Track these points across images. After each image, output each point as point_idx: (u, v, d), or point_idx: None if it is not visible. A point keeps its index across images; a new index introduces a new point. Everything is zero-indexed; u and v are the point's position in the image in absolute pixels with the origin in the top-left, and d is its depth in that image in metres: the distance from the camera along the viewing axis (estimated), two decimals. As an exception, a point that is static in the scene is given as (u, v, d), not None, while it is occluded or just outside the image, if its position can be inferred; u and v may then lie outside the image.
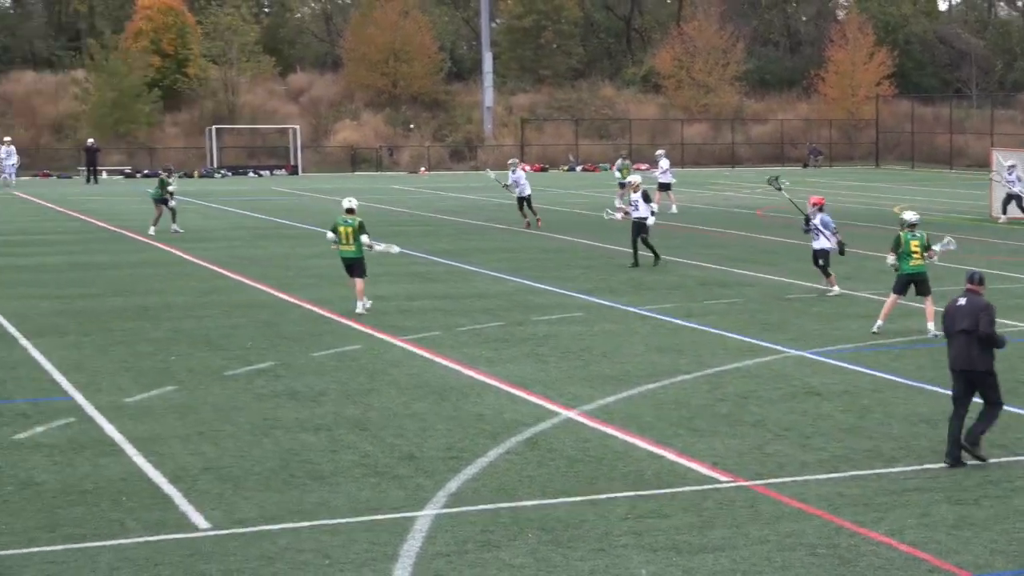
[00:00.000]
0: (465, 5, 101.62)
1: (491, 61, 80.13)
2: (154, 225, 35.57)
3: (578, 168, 75.18)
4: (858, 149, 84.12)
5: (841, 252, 24.16)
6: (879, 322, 20.02)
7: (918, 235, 20.08)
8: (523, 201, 37.20)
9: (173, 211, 35.78)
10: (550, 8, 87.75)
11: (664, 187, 43.41)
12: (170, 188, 35.61)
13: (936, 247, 20.15)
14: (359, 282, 21.99)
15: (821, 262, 23.97)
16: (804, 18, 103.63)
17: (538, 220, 36.95)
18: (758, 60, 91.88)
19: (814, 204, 24.17)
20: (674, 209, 42.47)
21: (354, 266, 22.08)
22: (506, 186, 37.84)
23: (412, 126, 76.30)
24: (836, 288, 24.10)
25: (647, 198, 28.13)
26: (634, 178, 29.70)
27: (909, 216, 20.43)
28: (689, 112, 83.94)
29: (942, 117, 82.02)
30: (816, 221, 23.76)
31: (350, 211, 22.11)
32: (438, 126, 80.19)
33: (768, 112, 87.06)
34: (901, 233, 20.14)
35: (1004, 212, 39.97)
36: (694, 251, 31.12)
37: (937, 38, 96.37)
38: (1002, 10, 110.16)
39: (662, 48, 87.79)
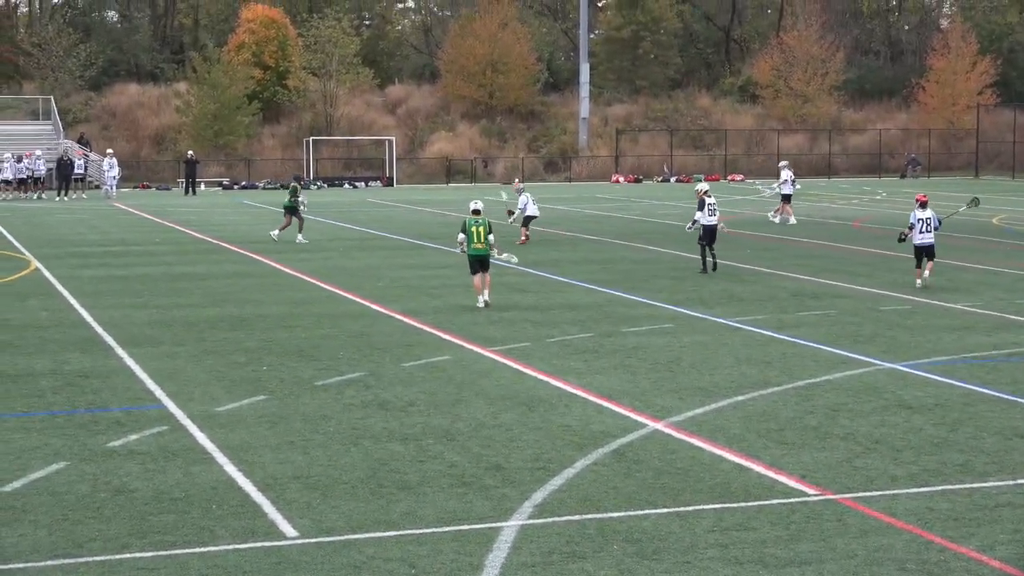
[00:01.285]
0: (564, 16, 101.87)
1: (588, 72, 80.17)
2: (280, 230, 36.78)
3: (672, 179, 74.94)
4: (957, 159, 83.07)
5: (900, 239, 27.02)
6: None
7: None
8: (529, 220, 36.87)
9: (302, 221, 36.66)
10: (649, 19, 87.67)
11: (786, 198, 43.15)
12: (301, 198, 36.69)
13: None
14: (488, 277, 23.80)
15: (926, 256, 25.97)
16: (906, 27, 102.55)
17: (525, 238, 36.34)
18: (858, 69, 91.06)
19: (921, 201, 26.27)
20: (792, 220, 42.16)
21: (485, 261, 23.66)
22: (511, 212, 37.08)
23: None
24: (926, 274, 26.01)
25: (706, 206, 28.99)
26: (702, 185, 30.56)
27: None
28: (786, 122, 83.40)
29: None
30: (927, 214, 25.84)
31: (477, 212, 23.83)
32: (533, 137, 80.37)
33: (866, 122, 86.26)
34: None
35: None
36: (788, 262, 30.90)
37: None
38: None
39: (760, 58, 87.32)
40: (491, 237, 23.55)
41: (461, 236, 23.85)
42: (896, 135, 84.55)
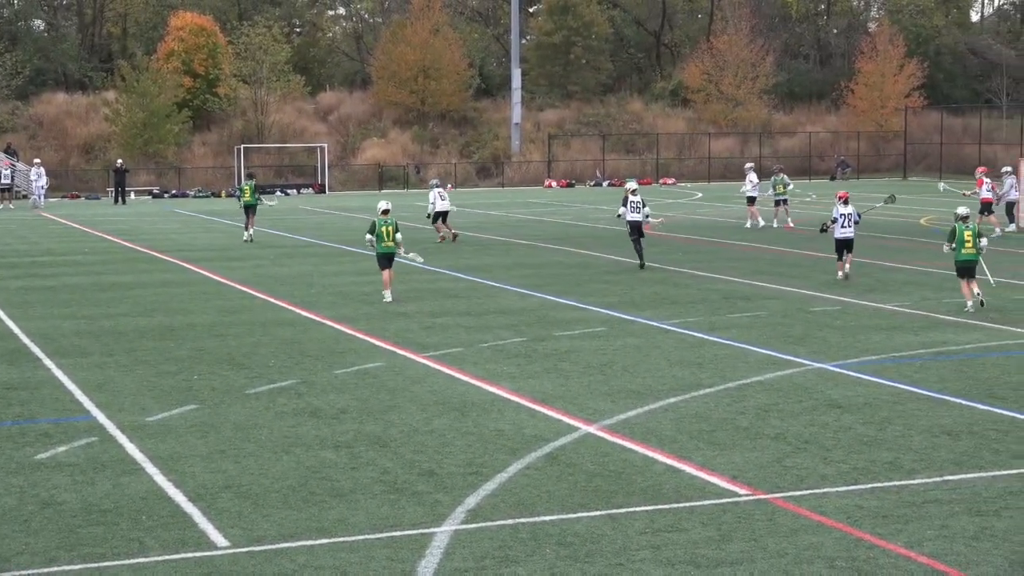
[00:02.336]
0: (496, 22, 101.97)
1: (520, 77, 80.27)
2: (249, 231, 38.96)
3: (604, 183, 75.18)
4: (886, 161, 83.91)
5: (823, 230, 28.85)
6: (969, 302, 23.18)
7: (971, 227, 23.57)
8: (440, 216, 37.66)
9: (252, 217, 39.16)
10: (580, 24, 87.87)
11: (751, 200, 43.00)
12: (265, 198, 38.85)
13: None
14: (392, 273, 25.46)
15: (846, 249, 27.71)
16: (835, 31, 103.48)
17: (454, 235, 37.85)
18: (787, 73, 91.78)
19: (843, 198, 28.19)
20: (748, 224, 42.20)
21: (392, 258, 25.38)
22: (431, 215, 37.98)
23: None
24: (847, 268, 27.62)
25: (628, 202, 30.51)
26: (630, 184, 32.05)
27: (961, 211, 23.93)
28: (717, 126, 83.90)
29: (971, 128, 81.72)
30: (849, 210, 27.74)
31: (386, 212, 25.37)
32: (465, 143, 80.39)
33: (796, 125, 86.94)
34: (956, 225, 23.67)
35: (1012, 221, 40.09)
36: (719, 264, 31.09)
37: (968, 49, 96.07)
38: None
39: (691, 62, 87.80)
40: (398, 236, 25.23)
41: (369, 236, 25.35)
42: (826, 137, 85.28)
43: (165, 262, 33.68)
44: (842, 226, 27.75)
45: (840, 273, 27.71)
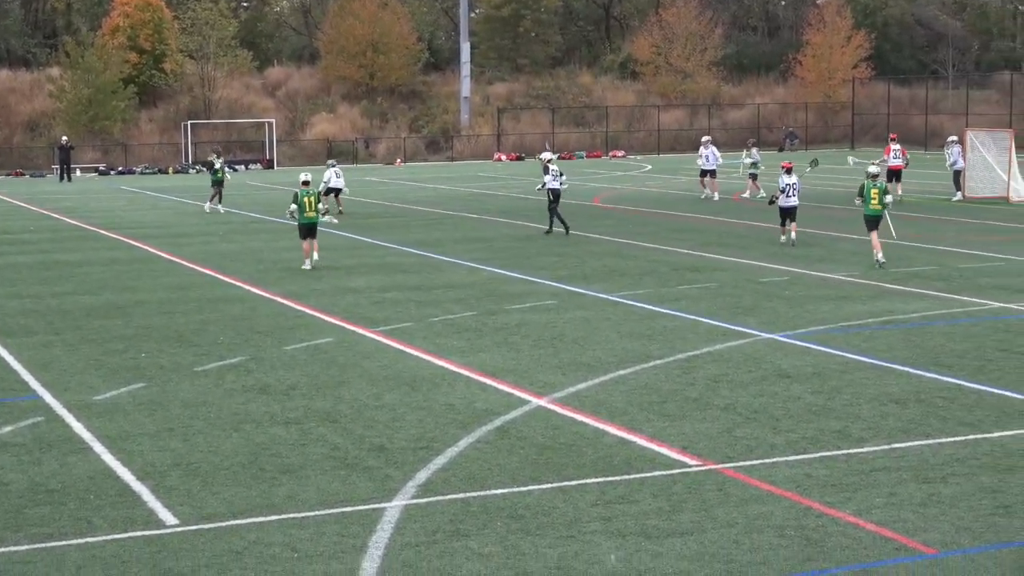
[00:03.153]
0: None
1: (469, 51, 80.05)
2: (215, 203, 40.30)
3: (555, 156, 75.12)
4: (834, 132, 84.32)
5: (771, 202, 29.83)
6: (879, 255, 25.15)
7: (879, 184, 25.77)
8: (333, 192, 38.19)
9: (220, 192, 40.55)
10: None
11: (707, 173, 42.41)
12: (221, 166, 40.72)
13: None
14: (315, 243, 26.40)
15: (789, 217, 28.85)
16: (783, 2, 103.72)
17: (339, 211, 38.08)
18: (736, 45, 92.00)
19: (786, 168, 29.12)
20: (714, 196, 41.83)
21: (314, 228, 26.32)
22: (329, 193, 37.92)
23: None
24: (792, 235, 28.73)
25: (549, 171, 32.59)
26: (545, 155, 34.46)
27: (872, 170, 26.24)
28: (666, 98, 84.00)
29: (918, 99, 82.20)
30: (792, 179, 28.73)
31: (306, 183, 26.54)
32: (415, 117, 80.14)
33: (745, 97, 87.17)
34: (866, 182, 25.77)
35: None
36: (667, 236, 31.16)
37: (915, 20, 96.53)
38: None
39: (640, 35, 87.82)
40: (320, 206, 26.85)
41: (293, 206, 26.34)
42: (774, 109, 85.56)
43: (112, 240, 33.40)
44: (787, 195, 28.77)
45: (783, 238, 28.90)
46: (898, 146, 41.52)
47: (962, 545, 9.91)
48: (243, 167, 70.31)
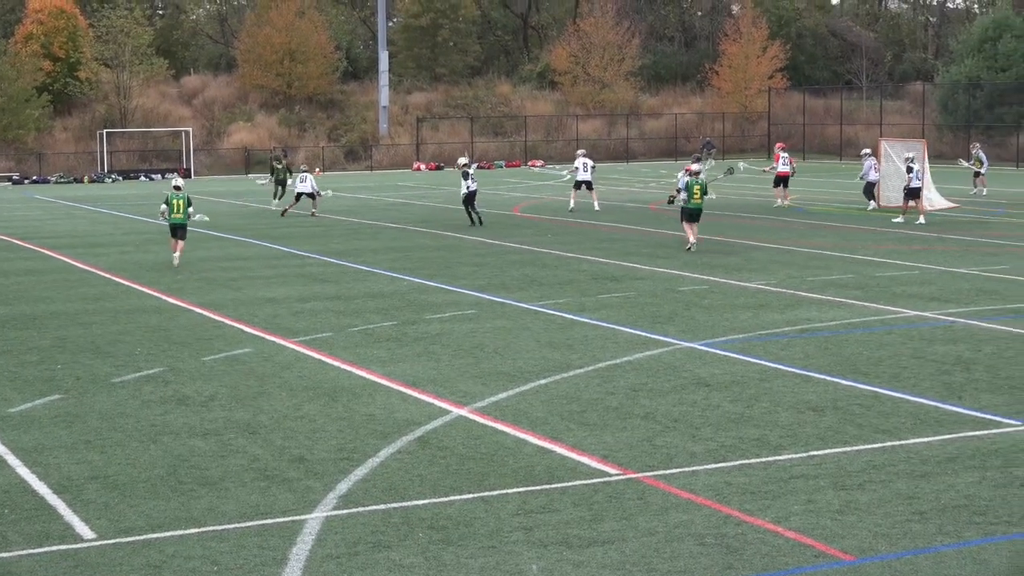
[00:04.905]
0: (362, 4, 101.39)
1: (387, 60, 79.96)
2: (289, 207, 41.89)
3: (474, 167, 75.17)
4: (750, 141, 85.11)
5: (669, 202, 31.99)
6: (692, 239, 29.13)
7: (700, 181, 29.51)
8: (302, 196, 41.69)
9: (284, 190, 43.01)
10: (447, 7, 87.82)
11: (582, 184, 42.46)
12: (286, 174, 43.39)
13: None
14: (183, 243, 28.47)
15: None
16: (699, 13, 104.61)
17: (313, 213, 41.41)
18: (653, 55, 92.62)
19: (690, 172, 30.46)
20: (572, 206, 42.07)
21: (181, 229, 28.33)
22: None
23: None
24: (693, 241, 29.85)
25: (469, 176, 36.75)
26: (461, 160, 38.46)
27: (695, 166, 30.29)
28: (585, 108, 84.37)
29: (833, 109, 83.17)
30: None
31: (178, 188, 28.56)
32: (333, 126, 79.87)
33: (663, 107, 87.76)
34: (688, 179, 29.48)
35: (873, 200, 40.97)
36: (588, 246, 31.27)
37: (829, 31, 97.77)
38: (892, 3, 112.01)
39: (558, 45, 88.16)
40: (190, 209, 28.32)
41: (164, 207, 28.30)
42: (691, 119, 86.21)
43: (26, 250, 32.97)
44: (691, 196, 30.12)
45: (693, 240, 29.75)
46: (786, 154, 43.39)
47: (879, 551, 10.03)
48: (160, 176, 69.73)
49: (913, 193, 37.05)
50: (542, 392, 15.64)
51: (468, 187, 36.79)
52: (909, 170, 37.19)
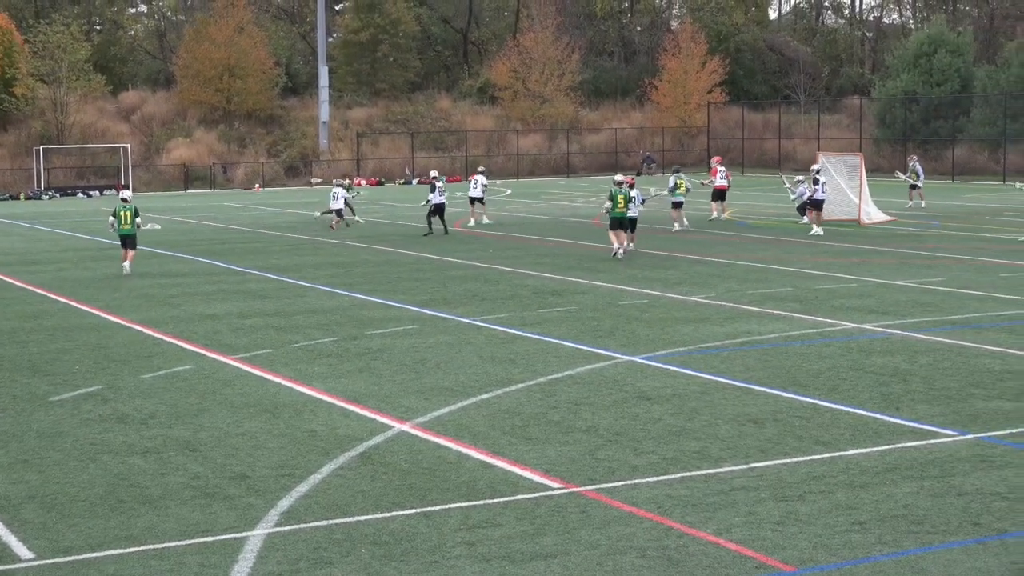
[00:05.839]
0: (302, 20, 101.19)
1: (327, 75, 79.80)
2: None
3: (414, 181, 75.17)
4: (690, 156, 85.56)
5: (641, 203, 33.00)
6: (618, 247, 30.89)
7: (624, 191, 31.26)
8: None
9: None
10: (387, 22, 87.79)
11: (474, 200, 42.52)
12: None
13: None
14: (133, 252, 29.92)
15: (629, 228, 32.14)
16: (639, 28, 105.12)
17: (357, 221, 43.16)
18: (593, 70, 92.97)
19: (629, 183, 32.42)
20: (471, 223, 41.90)
21: (130, 239, 29.70)
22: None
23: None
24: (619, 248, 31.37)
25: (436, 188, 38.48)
26: (433, 172, 40.17)
27: (619, 177, 32.40)
28: (525, 123, 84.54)
29: (771, 123, 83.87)
30: (633, 193, 31.97)
31: (125, 200, 30.15)
32: (273, 142, 79.59)
33: (603, 121, 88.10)
34: (613, 188, 31.39)
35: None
36: (529, 260, 31.33)
37: (767, 46, 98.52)
38: (829, 18, 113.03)
39: (498, 60, 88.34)
40: (138, 220, 29.78)
41: (112, 219, 29.79)
42: (631, 133, 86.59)
43: (-38, 267, 32.61)
44: (632, 208, 31.89)
45: (619, 246, 31.20)
46: (723, 168, 43.96)
47: (819, 562, 10.10)
48: (98, 193, 69.22)
49: (816, 204, 37.71)
50: (484, 407, 15.64)
51: (434, 199, 38.40)
52: (815, 181, 37.82)
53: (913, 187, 48.72)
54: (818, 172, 38.41)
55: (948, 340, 19.67)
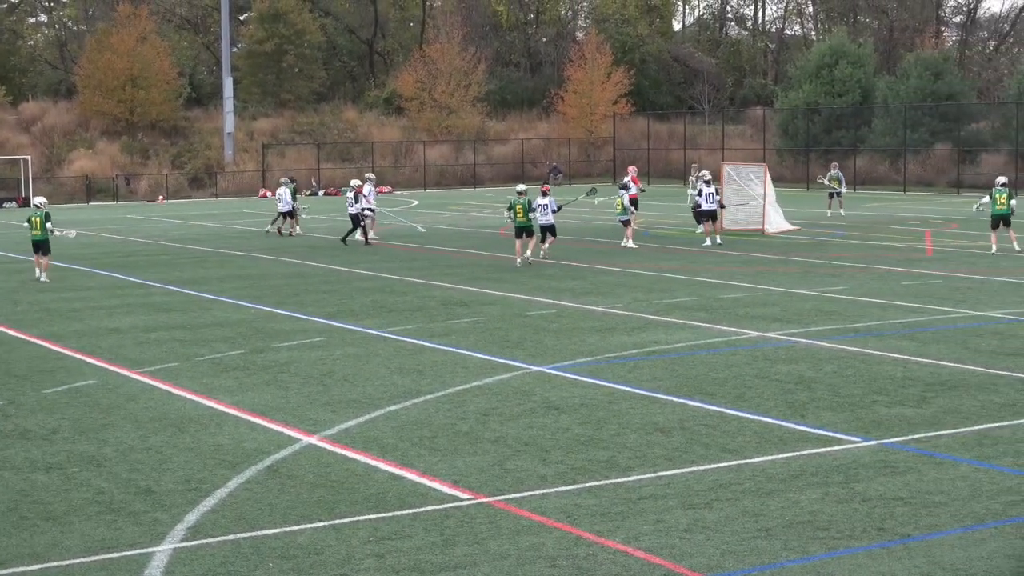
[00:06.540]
0: (206, 30, 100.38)
1: (232, 86, 79.28)
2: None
3: (320, 192, 74.84)
4: (596, 166, 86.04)
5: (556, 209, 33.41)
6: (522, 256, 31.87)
7: (522, 201, 32.18)
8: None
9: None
10: (292, 32, 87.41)
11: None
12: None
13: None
14: (46, 259, 30.60)
15: (549, 233, 33.30)
16: (544, 39, 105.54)
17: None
18: (500, 81, 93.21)
19: (544, 191, 34.04)
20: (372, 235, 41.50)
21: (43, 245, 30.43)
22: None
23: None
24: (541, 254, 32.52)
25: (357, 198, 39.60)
26: (354, 182, 41.20)
27: (520, 187, 33.44)
28: (432, 134, 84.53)
29: (676, 133, 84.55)
30: (545, 202, 33.04)
31: (37, 206, 31.05)
32: (177, 153, 78.87)
33: (509, 132, 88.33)
34: (512, 198, 32.60)
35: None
36: (436, 272, 31.31)
37: (672, 57, 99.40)
38: (732, 30, 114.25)
39: (404, 71, 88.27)
40: (49, 225, 30.40)
41: (25, 224, 31.06)
42: (538, 144, 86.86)
43: None
44: (541, 214, 32.88)
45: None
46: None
47: (727, 568, 10.18)
48: (-3, 205, 68.20)
49: (709, 215, 38.04)
50: (392, 418, 15.60)
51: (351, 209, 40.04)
52: (708, 183, 38.14)
53: (835, 194, 49.31)
54: (708, 182, 38.53)
55: (851, 348, 19.94)
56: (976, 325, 22.14)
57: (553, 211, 33.13)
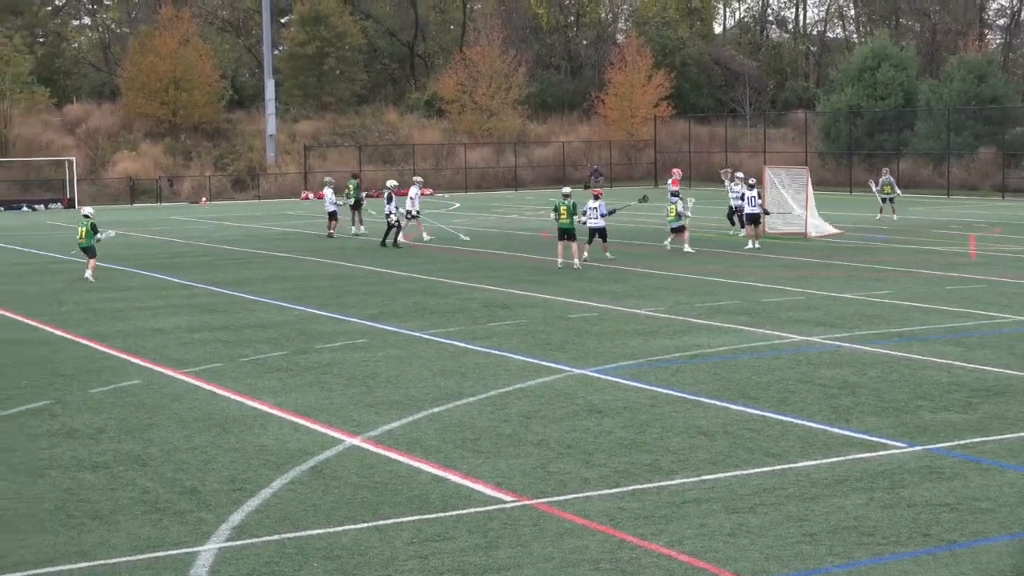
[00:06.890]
0: (247, 33, 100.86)
1: (273, 88, 79.60)
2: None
3: (363, 194, 74.98)
4: (638, 169, 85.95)
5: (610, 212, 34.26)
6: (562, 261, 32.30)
7: (567, 203, 31.96)
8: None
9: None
10: (333, 35, 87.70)
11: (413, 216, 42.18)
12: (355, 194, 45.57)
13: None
14: (93, 261, 31.53)
15: (599, 236, 33.98)
16: (585, 42, 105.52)
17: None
18: (540, 84, 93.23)
19: (596, 195, 34.36)
20: (425, 237, 41.83)
21: (88, 251, 31.54)
22: None
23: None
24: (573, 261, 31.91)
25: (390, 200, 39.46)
26: (391, 183, 41.12)
27: (566, 190, 33.58)
28: (472, 136, 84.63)
29: (718, 136, 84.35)
30: (596, 205, 33.63)
31: (86, 216, 31.97)
32: (219, 155, 79.28)
33: (550, 135, 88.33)
34: (556, 201, 32.56)
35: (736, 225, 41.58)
36: (478, 274, 31.35)
37: (712, 60, 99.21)
38: (774, 32, 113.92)
39: (445, 73, 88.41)
40: (98, 235, 31.74)
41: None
42: (579, 147, 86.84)
43: (-95, 282, 32.28)
44: (591, 218, 33.53)
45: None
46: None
47: (771, 573, 10.15)
48: (43, 206, 68.69)
49: (751, 219, 37.86)
50: (435, 420, 15.63)
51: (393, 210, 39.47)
52: (751, 187, 37.99)
53: (889, 199, 49.12)
54: (751, 184, 38.49)
55: (895, 352, 19.84)
56: (1023, 330, 21.99)
57: (603, 215, 33.52)
